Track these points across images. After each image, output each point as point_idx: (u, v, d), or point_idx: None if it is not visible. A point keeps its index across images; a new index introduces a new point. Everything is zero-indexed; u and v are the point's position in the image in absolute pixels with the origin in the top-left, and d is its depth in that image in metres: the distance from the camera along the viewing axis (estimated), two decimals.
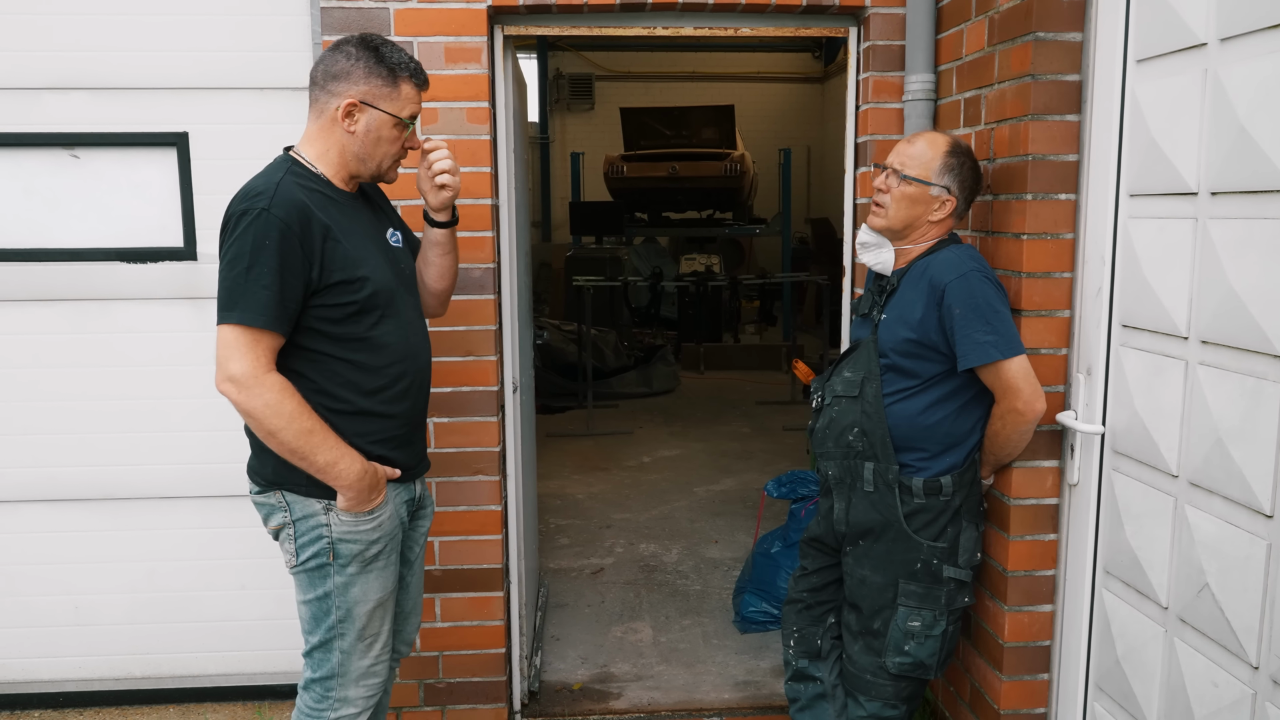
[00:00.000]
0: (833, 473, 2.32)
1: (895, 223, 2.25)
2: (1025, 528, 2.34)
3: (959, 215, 2.27)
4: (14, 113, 2.79)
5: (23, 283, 2.87)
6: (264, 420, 1.89)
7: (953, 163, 2.21)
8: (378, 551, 2.06)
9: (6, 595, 3.03)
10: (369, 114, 2.00)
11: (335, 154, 2.04)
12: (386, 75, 2.00)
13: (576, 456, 6.35)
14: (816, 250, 11.48)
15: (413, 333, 2.12)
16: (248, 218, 1.88)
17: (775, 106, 13.50)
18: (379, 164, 2.06)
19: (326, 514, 2.00)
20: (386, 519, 2.07)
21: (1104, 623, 2.21)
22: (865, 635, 2.31)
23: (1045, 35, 2.17)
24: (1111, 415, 2.17)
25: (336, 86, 2.00)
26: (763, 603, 3.65)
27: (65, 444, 2.96)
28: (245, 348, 1.87)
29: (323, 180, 2.03)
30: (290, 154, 2.05)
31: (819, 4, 2.75)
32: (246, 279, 1.86)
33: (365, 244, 2.03)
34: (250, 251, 1.86)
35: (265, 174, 1.98)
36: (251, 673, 3.12)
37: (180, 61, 2.79)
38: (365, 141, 2.02)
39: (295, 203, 1.90)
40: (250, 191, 1.92)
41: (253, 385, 1.87)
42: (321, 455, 1.93)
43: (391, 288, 2.06)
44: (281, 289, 1.87)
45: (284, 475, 2.00)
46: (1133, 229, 2.07)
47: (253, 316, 1.86)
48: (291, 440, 1.90)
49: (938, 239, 2.26)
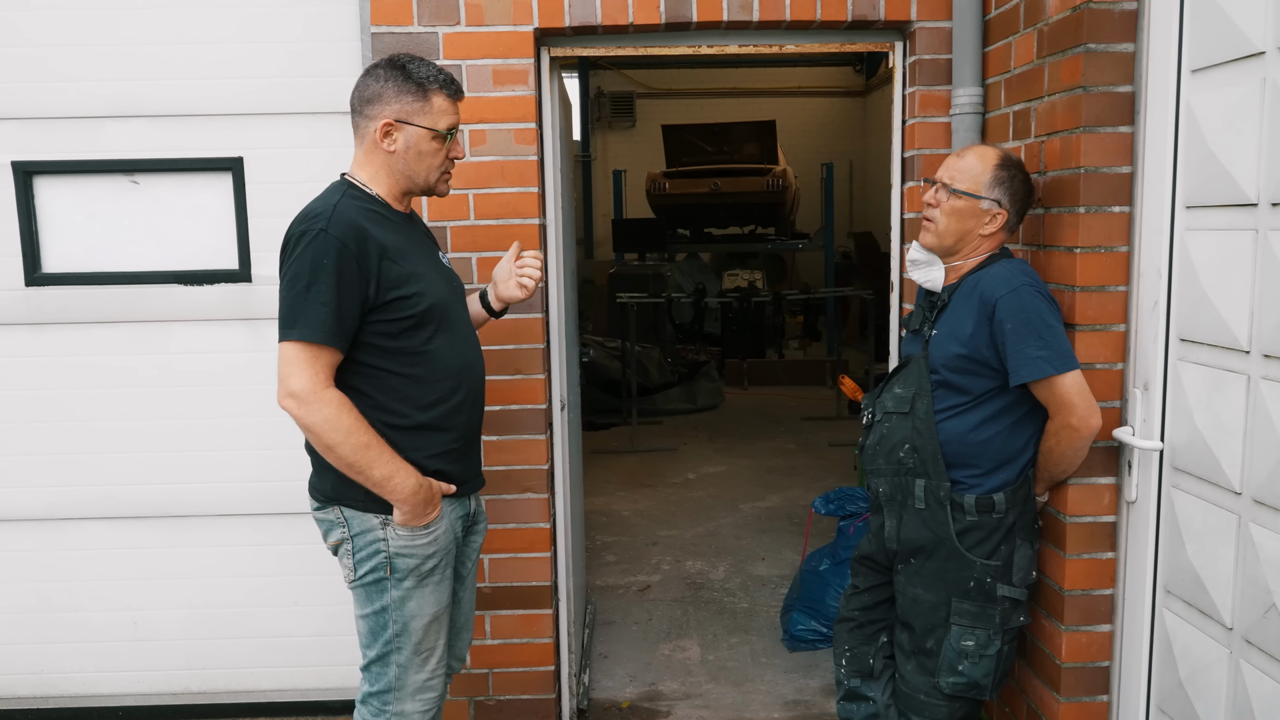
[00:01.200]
0: (884, 490, 2.30)
1: (946, 237, 2.23)
2: (1082, 546, 2.30)
3: (1010, 229, 2.25)
4: (78, 141, 2.88)
5: (84, 305, 2.95)
6: (322, 434, 1.93)
7: (1003, 175, 2.19)
8: (433, 566, 2.08)
9: (68, 611, 3.10)
10: (405, 131, 2.05)
11: (384, 175, 2.09)
12: (416, 90, 2.04)
13: (622, 473, 6.36)
14: (860, 264, 11.39)
15: (467, 347, 2.16)
16: (306, 238, 1.93)
17: (817, 121, 13.46)
18: (425, 178, 2.11)
19: (384, 529, 2.03)
20: (442, 534, 2.09)
21: (1165, 644, 2.15)
22: (918, 655, 2.28)
23: (1096, 46, 2.15)
24: (1170, 431, 2.12)
25: (371, 110, 2.05)
26: (811, 621, 3.61)
27: (124, 462, 3.03)
28: (305, 364, 1.91)
29: (378, 201, 2.08)
30: (346, 178, 2.10)
31: (864, 19, 2.74)
32: (306, 297, 1.91)
33: (420, 261, 2.08)
34: (309, 270, 1.91)
35: (324, 197, 2.04)
36: (305, 689, 3.15)
37: (236, 88, 2.86)
38: (407, 158, 2.07)
39: (352, 223, 1.95)
40: (309, 213, 1.98)
41: (312, 400, 1.91)
42: (378, 469, 1.96)
43: (447, 302, 2.11)
44: (339, 306, 1.92)
45: (342, 491, 2.03)
46: (1190, 241, 2.04)
47: (311, 333, 1.91)
48: (349, 454, 1.94)
49: (989, 253, 2.24)
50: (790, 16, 2.73)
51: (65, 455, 3.02)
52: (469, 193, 2.76)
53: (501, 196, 2.77)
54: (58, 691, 3.14)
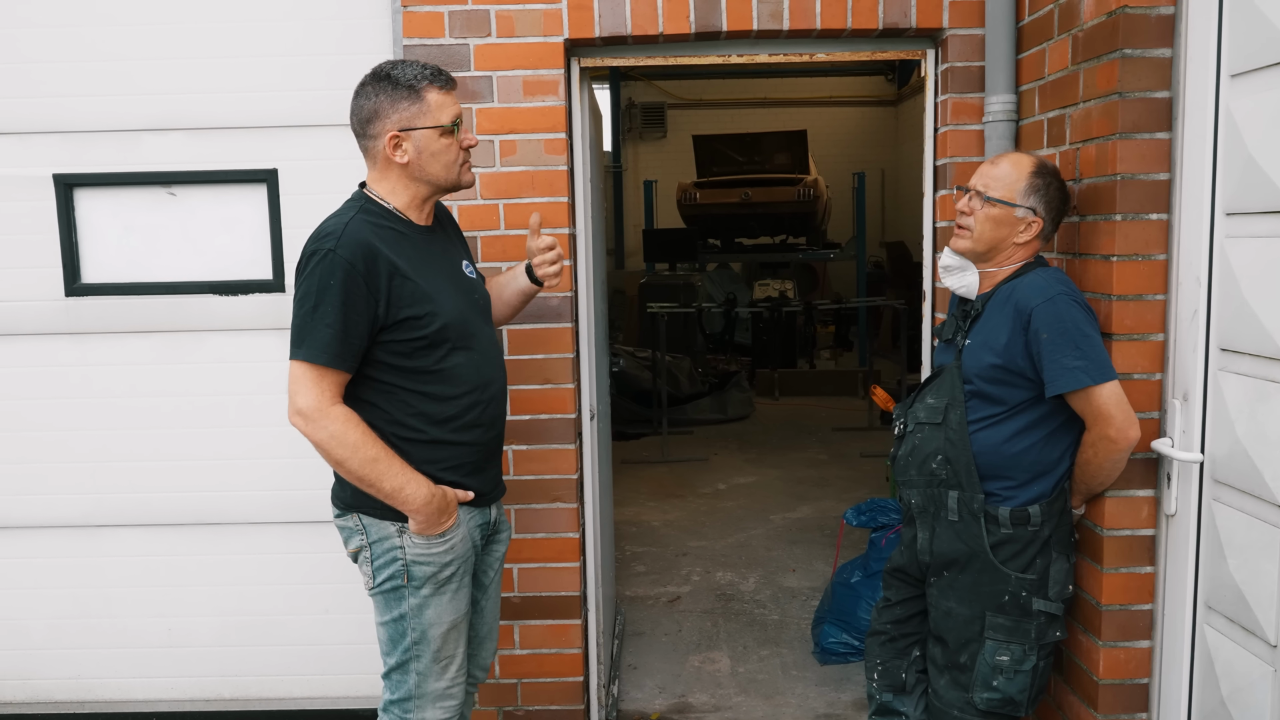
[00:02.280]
0: (916, 501, 2.27)
1: (980, 245, 2.21)
2: (1120, 560, 2.25)
3: (1045, 237, 2.22)
4: (116, 153, 2.93)
5: (122, 315, 3.00)
6: (330, 450, 1.95)
7: (1039, 183, 2.16)
8: (451, 574, 2.09)
9: (104, 617, 3.14)
10: (413, 137, 2.04)
11: (403, 186, 2.08)
12: (408, 94, 2.02)
13: (652, 483, 6.35)
14: (892, 274, 11.32)
15: (485, 362, 2.15)
16: (316, 258, 1.94)
17: (848, 130, 13.41)
18: (446, 175, 2.09)
19: (400, 536, 2.04)
20: (459, 541, 2.10)
21: (1206, 660, 2.10)
22: (952, 669, 2.24)
23: (1133, 52, 2.12)
24: (1211, 443, 2.08)
25: (373, 128, 2.04)
26: (843, 634, 3.58)
27: (159, 470, 3.07)
28: (311, 383, 1.93)
29: (395, 216, 2.07)
30: (364, 191, 2.10)
31: (895, 27, 2.73)
32: (313, 317, 1.92)
33: (436, 279, 2.07)
34: (317, 291, 1.93)
35: (338, 214, 2.04)
36: (335, 696, 3.17)
37: (270, 101, 2.89)
38: (422, 163, 2.06)
39: (362, 243, 1.95)
40: (321, 233, 1.99)
41: (318, 418, 1.93)
42: (388, 482, 1.97)
43: (464, 320, 2.09)
44: (345, 327, 1.93)
45: (361, 499, 2.05)
46: (1230, 249, 1.99)
47: (316, 354, 1.92)
48: (357, 469, 1.95)
49: (1023, 262, 2.21)
50: (820, 25, 2.72)
51: (102, 463, 3.07)
52: (499, 203, 2.78)
53: (532, 206, 2.78)
54: (93, 697, 3.18)
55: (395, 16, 2.77)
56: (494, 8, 2.71)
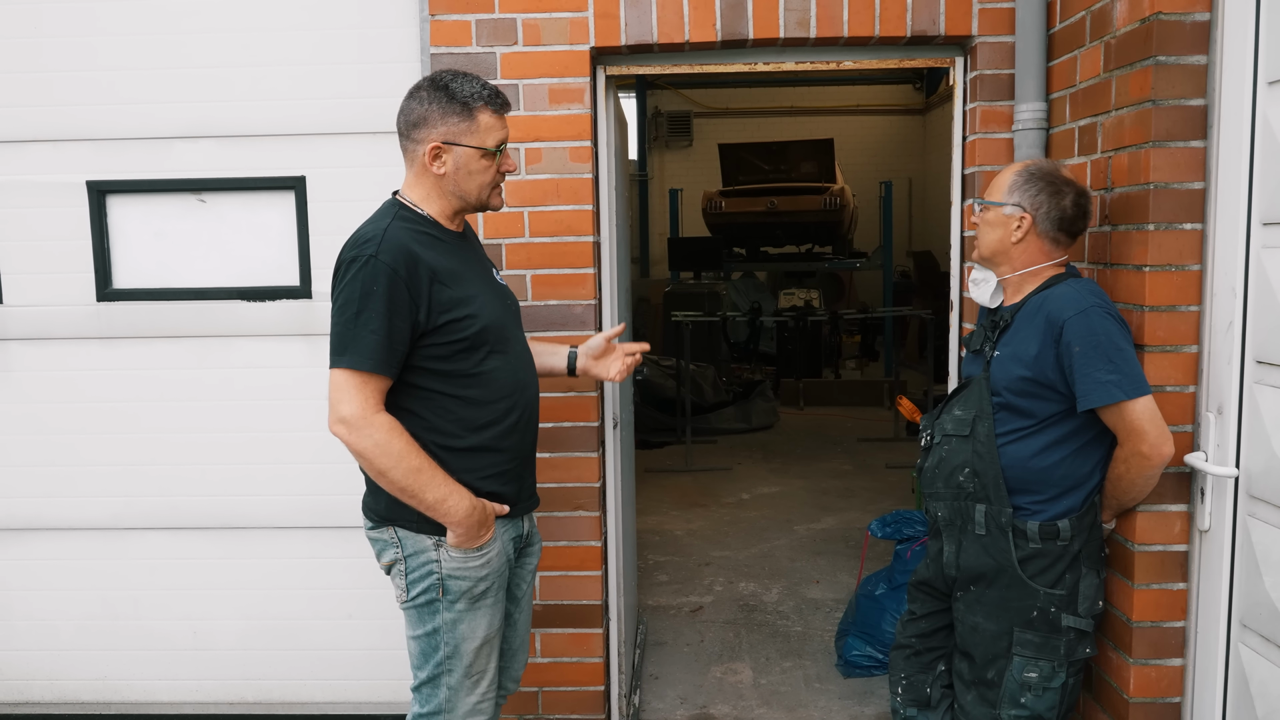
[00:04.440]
0: (942, 514, 2.24)
1: (985, 250, 2.23)
2: (1151, 576, 2.21)
3: (1049, 238, 2.15)
4: (148, 160, 2.96)
5: (152, 320, 3.03)
6: (374, 460, 1.93)
7: (1019, 180, 2.14)
8: (485, 588, 2.07)
9: (131, 619, 3.17)
10: (454, 152, 2.04)
11: (436, 196, 2.08)
12: (461, 110, 2.02)
13: (675, 492, 6.32)
14: (919, 284, 11.24)
15: (521, 367, 2.15)
16: (357, 264, 1.93)
17: (876, 139, 13.37)
18: (478, 195, 2.10)
19: (437, 550, 2.03)
20: (495, 556, 2.08)
21: (1241, 680, 2.06)
22: (978, 685, 2.21)
23: (1167, 59, 2.08)
24: (1246, 457, 2.03)
25: (418, 133, 2.04)
26: (867, 646, 3.54)
27: (187, 474, 3.09)
28: (354, 390, 1.92)
29: (430, 222, 2.08)
30: (397, 198, 2.11)
31: (924, 34, 2.70)
32: (356, 324, 1.91)
33: (473, 282, 2.07)
34: (360, 297, 1.92)
35: (374, 220, 2.04)
36: (357, 701, 3.17)
37: (299, 109, 2.92)
38: (457, 179, 2.06)
39: (402, 248, 1.95)
40: (360, 238, 1.98)
41: (363, 426, 1.91)
42: (430, 493, 1.95)
43: (501, 323, 2.10)
44: (389, 333, 1.92)
45: (396, 512, 2.04)
46: (1267, 259, 1.96)
47: (361, 360, 1.91)
48: (400, 479, 1.94)
49: (1052, 272, 2.17)
50: (848, 33, 2.70)
51: (131, 466, 3.10)
52: (524, 210, 2.78)
53: (556, 214, 2.78)
54: (119, 698, 3.21)
55: (423, 25, 2.79)
56: (521, 16, 2.72)
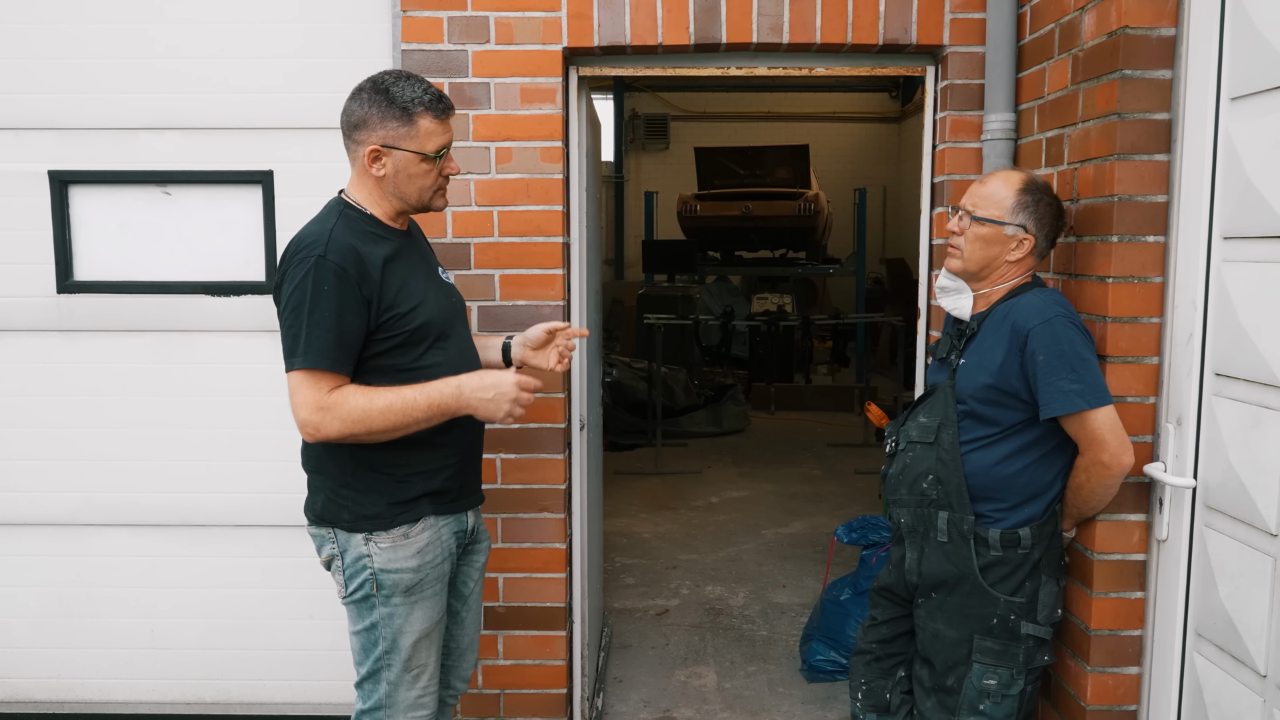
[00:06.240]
0: (905, 520, 2.25)
1: (971, 265, 2.19)
2: (1110, 584, 2.23)
3: (1040, 254, 2.20)
4: (113, 151, 2.91)
5: (114, 314, 2.98)
6: (353, 429, 1.93)
7: (1027, 200, 2.15)
8: (420, 581, 2.07)
9: (88, 616, 3.11)
10: (394, 156, 2.02)
11: (378, 197, 2.08)
12: (400, 115, 2.00)
13: (644, 495, 6.32)
14: (892, 291, 11.32)
15: (464, 363, 2.14)
16: (304, 265, 1.93)
17: (851, 146, 13.44)
18: (418, 198, 2.09)
19: (367, 545, 2.04)
20: (429, 547, 2.08)
21: (1195, 689, 2.08)
22: (938, 692, 2.22)
23: (1133, 73, 2.11)
24: (1204, 468, 2.06)
25: (359, 135, 2.02)
26: (831, 651, 3.55)
27: (147, 470, 3.05)
28: (310, 389, 1.92)
29: (374, 220, 2.07)
30: (342, 197, 2.10)
31: (896, 43, 2.72)
32: (308, 324, 1.91)
33: (417, 279, 2.08)
34: (310, 298, 1.91)
35: (319, 220, 2.03)
36: (317, 702, 3.14)
37: (267, 103, 2.88)
38: (397, 181, 2.05)
39: (350, 247, 1.95)
40: (304, 240, 1.98)
41: (324, 416, 1.92)
42: (417, 412, 1.95)
43: (444, 319, 2.10)
44: (341, 332, 1.92)
45: (330, 512, 2.05)
46: (1227, 273, 1.98)
47: (317, 359, 1.91)
48: (388, 424, 1.94)
49: (1019, 282, 2.19)
50: (820, 39, 2.71)
51: (90, 461, 3.04)
52: (493, 209, 2.77)
53: (526, 214, 2.77)
54: (74, 697, 3.15)
55: (395, 21, 2.76)
56: (493, 14, 2.71)
